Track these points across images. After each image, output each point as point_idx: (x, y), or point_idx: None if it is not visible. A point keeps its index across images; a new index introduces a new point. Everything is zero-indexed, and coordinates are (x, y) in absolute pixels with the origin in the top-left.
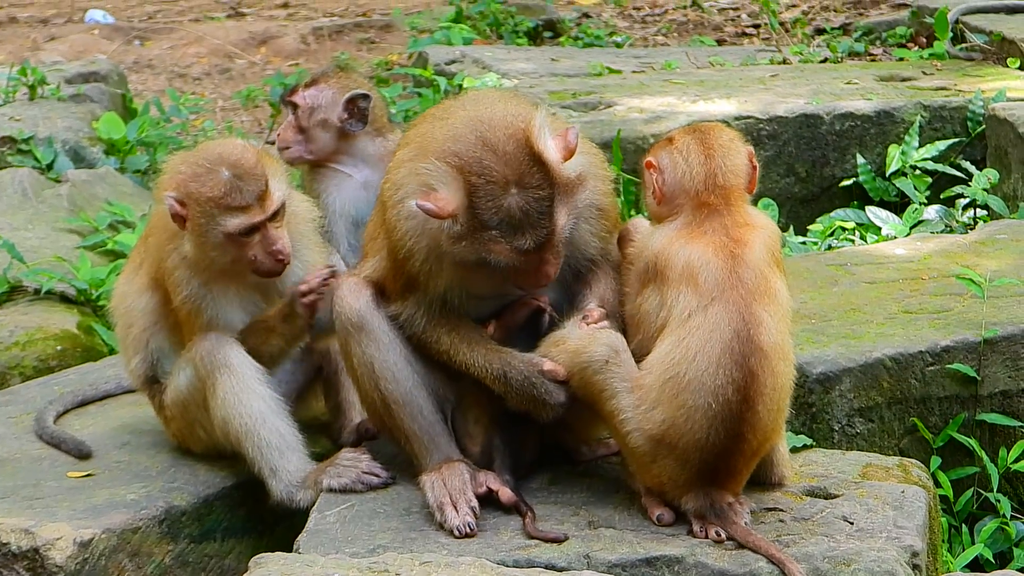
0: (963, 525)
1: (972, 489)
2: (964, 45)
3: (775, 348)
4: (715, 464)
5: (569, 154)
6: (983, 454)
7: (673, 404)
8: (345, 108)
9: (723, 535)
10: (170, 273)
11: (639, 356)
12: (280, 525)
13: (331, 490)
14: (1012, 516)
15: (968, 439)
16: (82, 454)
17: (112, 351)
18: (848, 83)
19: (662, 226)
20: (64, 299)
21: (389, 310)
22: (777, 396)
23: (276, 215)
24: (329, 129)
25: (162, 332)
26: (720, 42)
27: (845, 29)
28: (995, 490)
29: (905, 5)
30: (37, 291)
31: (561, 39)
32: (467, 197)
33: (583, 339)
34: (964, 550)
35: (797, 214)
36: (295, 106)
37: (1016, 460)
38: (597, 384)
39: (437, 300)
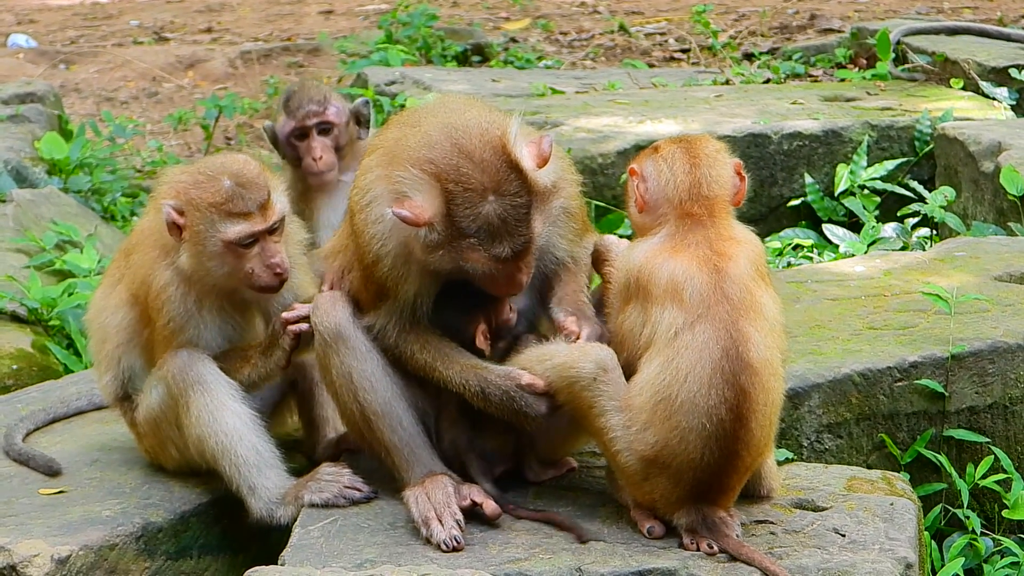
0: (932, 541)
1: (940, 505)
2: (907, 66)
3: (765, 364)
4: (708, 482)
5: (544, 162)
6: (952, 470)
7: (666, 426)
8: (355, 118)
9: (715, 548)
10: (158, 292)
11: (625, 372)
12: (256, 542)
13: (313, 505)
14: (981, 532)
15: (936, 455)
16: (52, 471)
17: (68, 370)
18: (793, 103)
19: (643, 240)
20: (15, 319)
21: (364, 322)
22: (769, 411)
23: (276, 228)
24: (351, 143)
25: (135, 349)
26: (650, 66)
27: (773, 54)
28: (964, 506)
29: (831, 30)
30: None
31: (490, 63)
32: (444, 205)
33: (570, 354)
34: (934, 566)
35: None
36: (331, 125)
37: (984, 476)
38: (585, 400)
39: (408, 307)
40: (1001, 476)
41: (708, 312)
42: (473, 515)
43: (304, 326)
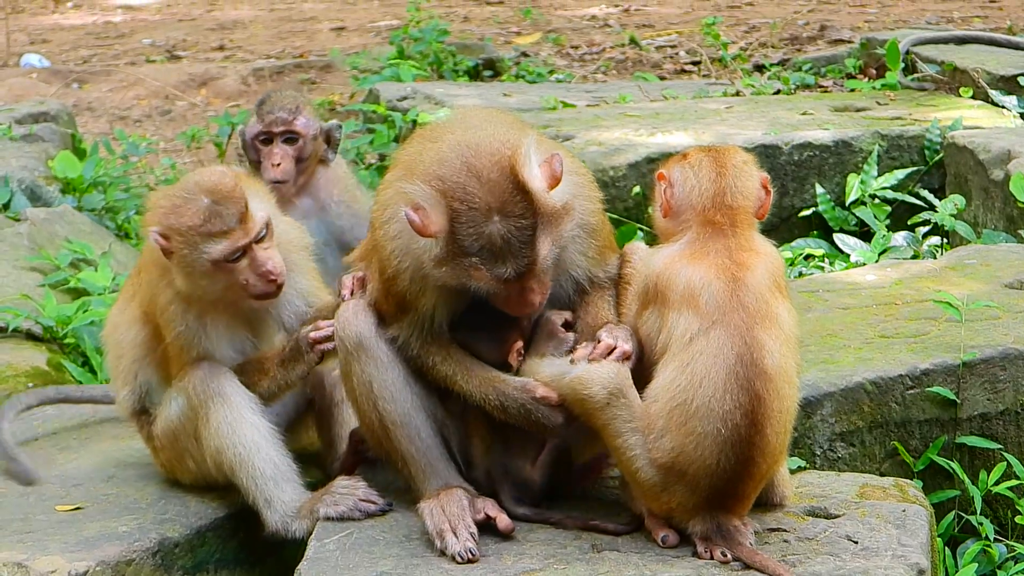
0: (946, 548)
1: (954, 512)
2: (916, 75)
3: (779, 371)
4: (725, 489)
5: (555, 182)
6: (964, 477)
7: (681, 432)
8: (324, 138)
9: (728, 556)
10: (164, 309)
11: (639, 377)
12: (272, 556)
13: (328, 518)
14: (995, 538)
15: (949, 462)
16: (27, 481)
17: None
18: (803, 114)
19: (664, 246)
20: (31, 336)
21: (387, 334)
22: (784, 419)
23: (262, 236)
24: (313, 159)
25: (151, 365)
26: (661, 79)
27: (783, 65)
28: (977, 513)
29: (841, 41)
30: (3, 329)
31: (501, 77)
32: (449, 222)
33: (583, 376)
34: (948, 573)
35: None
36: (297, 135)
37: (997, 483)
38: (600, 420)
39: (427, 321)
40: (1014, 482)
41: (723, 319)
42: (488, 528)
43: (331, 345)
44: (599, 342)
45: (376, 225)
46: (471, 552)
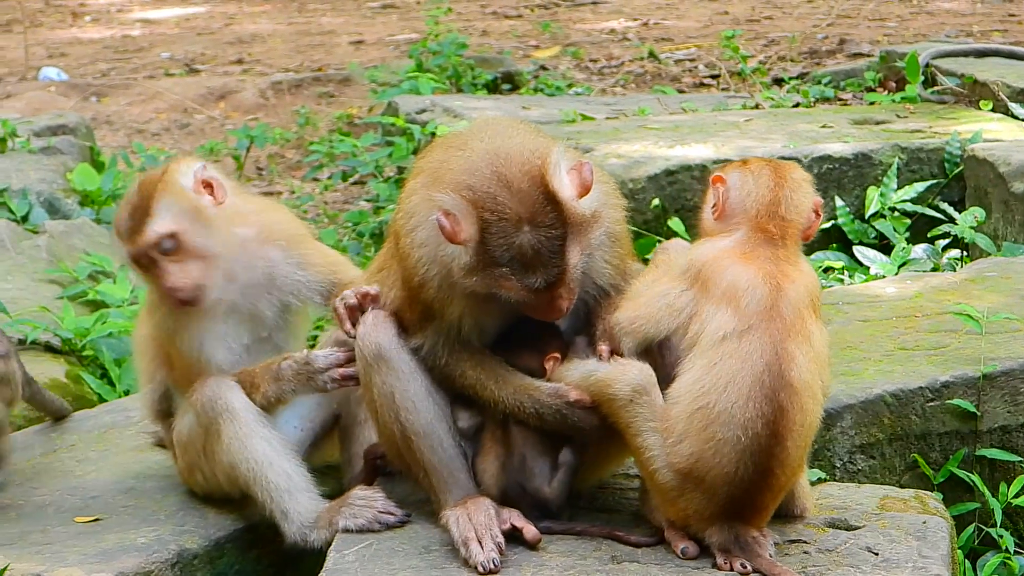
0: (966, 561)
1: (974, 525)
2: (936, 88)
3: (805, 386)
4: (742, 499)
5: (585, 191)
6: (984, 489)
7: (701, 436)
8: None
9: (748, 567)
10: (151, 311)
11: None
12: (290, 567)
13: (348, 531)
14: (1015, 551)
15: (969, 474)
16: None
17: (102, 399)
18: (823, 127)
19: (713, 238)
20: (49, 349)
21: (411, 343)
22: (805, 433)
23: (168, 250)
24: None
25: (168, 373)
26: (680, 92)
27: (802, 78)
28: (997, 525)
29: (861, 55)
30: (21, 341)
31: (520, 91)
32: (479, 232)
33: (609, 373)
34: None
35: None
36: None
37: (1017, 495)
38: (623, 418)
39: (455, 329)
40: None
41: (760, 325)
42: (511, 539)
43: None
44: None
45: (401, 233)
46: (495, 563)
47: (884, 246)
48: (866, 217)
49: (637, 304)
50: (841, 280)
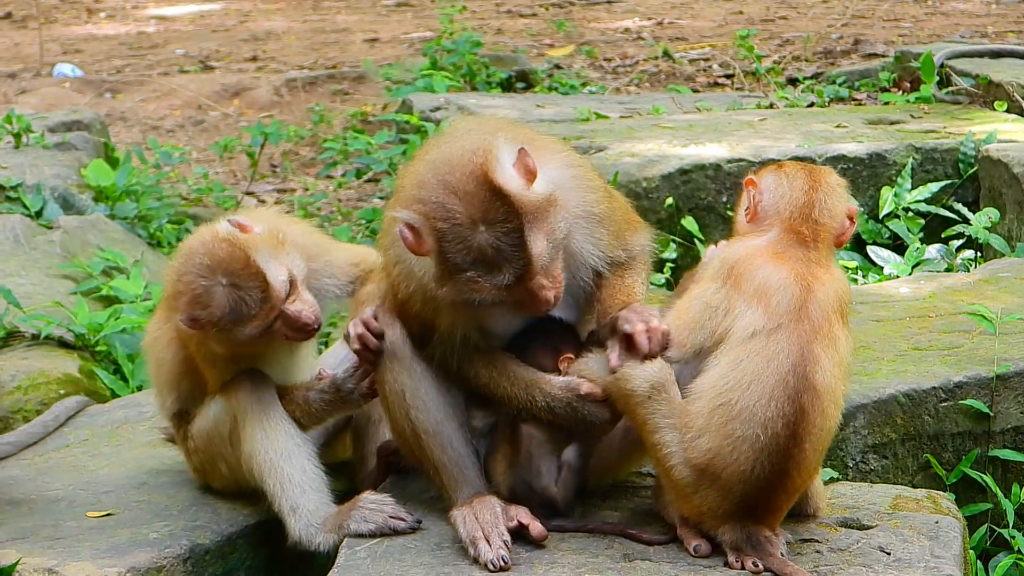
0: (978, 561)
1: (986, 525)
2: (950, 89)
3: (828, 390)
4: (757, 498)
5: (531, 176)
6: (997, 490)
7: (720, 433)
8: None
9: (760, 566)
10: (197, 351)
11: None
12: (303, 563)
13: (358, 535)
14: None
15: (982, 475)
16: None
17: (115, 394)
18: (837, 127)
19: (747, 237)
20: (62, 344)
21: (423, 353)
22: (824, 436)
23: (290, 295)
24: None
25: (189, 379)
26: (694, 91)
27: (817, 78)
28: (1009, 526)
29: (875, 55)
30: (35, 336)
31: (534, 89)
32: (436, 242)
33: (626, 369)
34: None
35: None
36: None
37: None
38: (640, 415)
39: (454, 337)
40: None
41: (788, 325)
42: (519, 536)
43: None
44: (624, 335)
45: (382, 252)
46: (504, 560)
47: (898, 246)
48: (880, 217)
49: (678, 312)
50: (855, 280)
